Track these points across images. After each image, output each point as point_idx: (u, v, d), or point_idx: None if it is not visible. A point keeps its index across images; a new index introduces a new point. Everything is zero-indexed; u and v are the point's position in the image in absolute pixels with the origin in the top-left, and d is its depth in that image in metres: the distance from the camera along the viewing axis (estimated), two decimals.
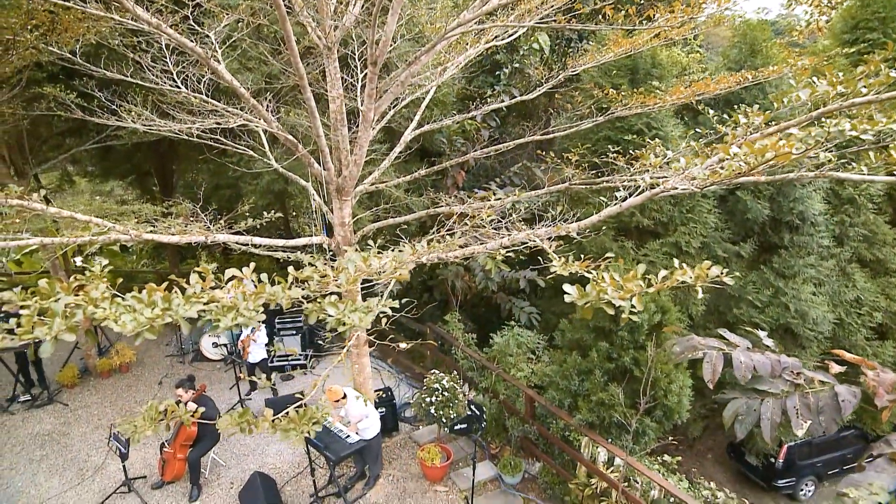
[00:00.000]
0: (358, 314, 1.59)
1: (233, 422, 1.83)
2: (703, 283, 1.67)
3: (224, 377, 10.10)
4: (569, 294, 1.60)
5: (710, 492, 5.94)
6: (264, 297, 1.54)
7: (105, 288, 1.51)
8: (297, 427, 1.88)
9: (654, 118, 9.47)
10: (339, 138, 5.84)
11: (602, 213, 3.72)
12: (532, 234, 3.55)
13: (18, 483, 7.23)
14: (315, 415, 1.94)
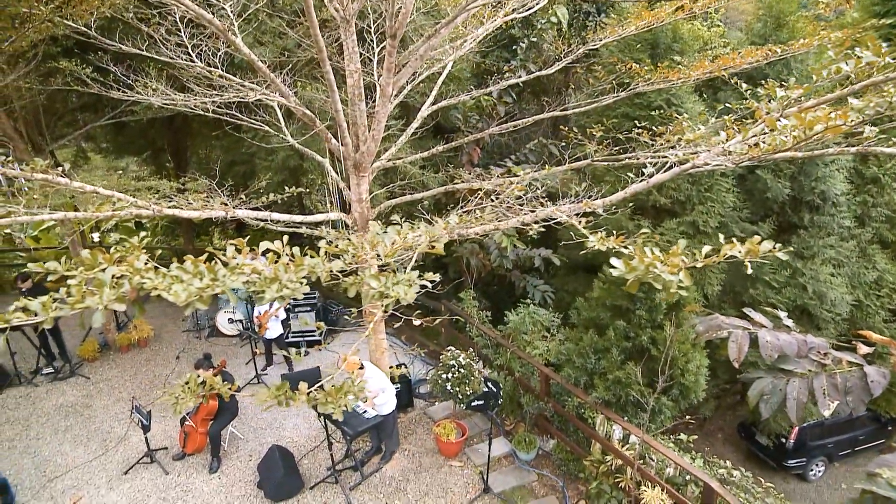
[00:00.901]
0: (402, 287, 1.57)
1: (270, 395, 1.84)
2: (754, 259, 1.62)
3: (240, 352, 10.23)
4: (616, 268, 1.57)
5: (726, 470, 5.96)
6: (305, 269, 1.53)
7: (146, 259, 1.50)
8: (334, 401, 1.89)
9: (675, 94, 9.26)
10: (357, 113, 5.77)
11: (629, 190, 3.66)
12: (558, 210, 3.50)
13: (46, 452, 7.43)
14: (351, 388, 1.95)
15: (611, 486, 6.22)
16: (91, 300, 1.29)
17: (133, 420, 7.68)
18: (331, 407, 1.89)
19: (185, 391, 2.01)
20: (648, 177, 3.60)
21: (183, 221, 12.83)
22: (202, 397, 2.01)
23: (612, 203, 3.74)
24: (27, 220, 3.92)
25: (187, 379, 2.07)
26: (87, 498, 6.62)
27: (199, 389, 2.03)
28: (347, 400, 1.92)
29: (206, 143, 11.96)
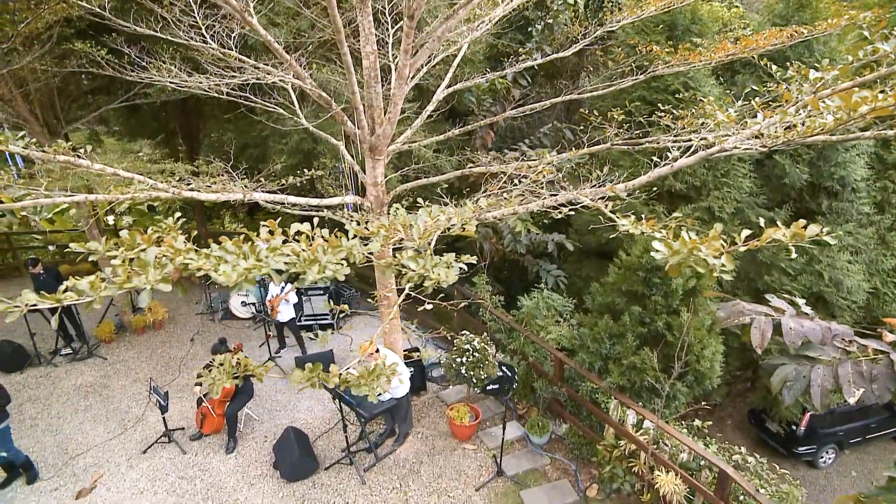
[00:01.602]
0: (442, 269, 1.55)
1: (305, 377, 1.85)
2: (798, 243, 1.59)
3: (253, 335, 10.32)
4: (658, 251, 1.54)
5: (741, 456, 5.96)
6: (343, 251, 1.51)
7: (184, 240, 1.49)
8: (369, 384, 1.89)
9: (692, 77, 9.10)
10: (373, 96, 5.71)
11: (653, 174, 3.60)
12: (581, 194, 3.46)
13: (67, 430, 7.57)
14: (385, 371, 1.94)
15: (624, 471, 6.25)
16: (138, 280, 1.29)
17: (151, 400, 7.79)
18: (365, 389, 1.90)
19: (221, 373, 2.02)
20: (673, 161, 3.54)
21: (196, 205, 12.87)
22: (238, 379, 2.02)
23: (636, 187, 3.69)
24: (48, 202, 3.94)
25: (221, 360, 2.08)
26: (108, 476, 6.75)
27: (234, 371, 2.04)
28: (381, 383, 1.92)
29: (218, 126, 11.95)
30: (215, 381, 2.04)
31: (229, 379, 1.99)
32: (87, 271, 13.04)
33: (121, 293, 5.61)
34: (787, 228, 1.59)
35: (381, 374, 1.90)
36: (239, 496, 6.41)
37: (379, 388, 1.89)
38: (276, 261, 1.36)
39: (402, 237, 1.78)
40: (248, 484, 6.60)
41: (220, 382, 2.03)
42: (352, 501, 6.29)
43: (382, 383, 1.90)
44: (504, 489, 6.46)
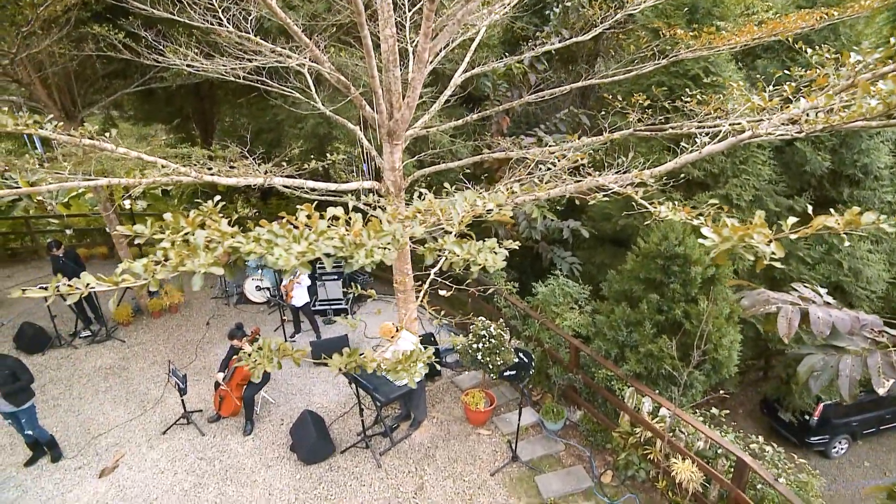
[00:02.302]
0: (488, 254, 1.53)
1: (343, 361, 1.85)
2: (852, 231, 1.55)
3: (268, 320, 10.40)
4: (708, 238, 1.51)
5: (758, 445, 5.95)
6: (387, 234, 1.50)
7: (228, 223, 1.49)
8: (407, 368, 1.89)
9: (713, 62, 8.94)
10: (392, 80, 5.66)
11: (680, 160, 3.55)
12: (610, 180, 3.41)
13: (88, 411, 7.72)
14: (421, 357, 1.94)
15: (639, 458, 6.27)
16: (190, 263, 1.29)
17: (171, 383, 7.90)
18: (403, 374, 1.90)
19: (262, 357, 2.03)
20: (701, 147, 3.48)
21: (210, 189, 12.92)
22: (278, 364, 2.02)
23: (661, 174, 3.64)
24: (71, 185, 3.96)
25: (260, 344, 2.09)
26: (129, 455, 6.88)
27: (274, 354, 2.05)
28: (419, 368, 1.92)
29: (232, 110, 11.95)
30: (256, 365, 2.05)
31: (270, 363, 1.99)
32: (102, 256, 13.21)
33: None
34: (839, 215, 1.55)
35: (418, 359, 1.90)
36: (257, 477, 6.51)
37: (419, 373, 1.89)
38: (325, 244, 1.35)
39: (438, 221, 1.76)
40: (265, 466, 6.70)
41: (262, 367, 2.04)
42: (368, 484, 6.37)
43: (420, 368, 1.89)
44: (519, 474, 6.50)
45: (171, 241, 1.41)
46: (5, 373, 6.07)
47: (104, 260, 13.19)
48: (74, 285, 1.41)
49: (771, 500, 5.41)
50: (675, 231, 6.52)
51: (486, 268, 2.06)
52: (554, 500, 6.15)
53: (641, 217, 9.78)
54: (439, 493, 6.23)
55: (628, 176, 3.68)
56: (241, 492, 6.31)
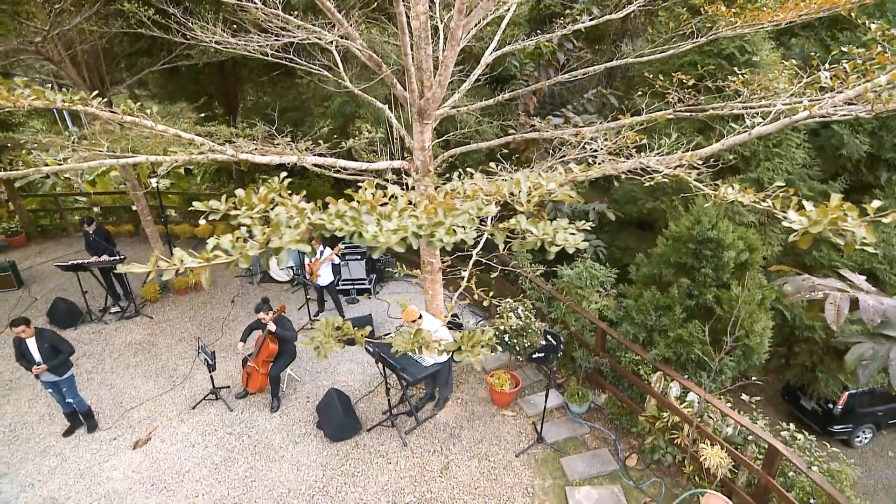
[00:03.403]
0: (566, 234, 1.49)
1: (409, 342, 1.84)
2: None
3: (291, 298, 10.48)
4: (796, 221, 1.45)
5: (789, 433, 5.89)
6: (464, 213, 1.47)
7: (300, 199, 1.47)
8: (469, 350, 1.87)
9: (749, 41, 8.67)
10: (423, 57, 5.57)
11: (727, 141, 3.44)
12: (663, 161, 3.33)
13: (120, 385, 7.91)
14: (482, 338, 1.92)
15: (666, 442, 6.25)
16: (276, 240, 1.27)
17: (200, 358, 8.03)
18: (467, 355, 1.88)
19: (325, 336, 2.03)
20: (750, 128, 3.37)
21: (234, 168, 12.98)
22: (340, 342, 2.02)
23: (708, 155, 3.54)
24: (113, 162, 3.98)
25: (323, 323, 2.08)
26: (161, 428, 7.05)
27: (337, 334, 2.05)
28: (483, 350, 1.90)
29: (256, 89, 11.92)
30: (322, 346, 2.04)
31: (337, 343, 1.99)
32: (128, 233, 13.40)
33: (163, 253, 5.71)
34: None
35: (482, 342, 1.88)
36: (285, 453, 6.63)
37: (483, 353, 1.87)
38: (414, 223, 1.32)
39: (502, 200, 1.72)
40: (293, 442, 6.81)
41: (327, 348, 2.04)
42: (394, 462, 6.45)
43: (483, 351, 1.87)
44: (544, 456, 6.54)
45: (249, 216, 1.39)
46: (45, 346, 6.23)
47: (130, 237, 13.39)
48: (171, 261, 1.40)
49: (801, 488, 5.37)
50: (707, 215, 6.39)
51: (511, 249, 2.02)
52: (579, 482, 6.18)
53: (669, 200, 9.67)
54: (465, 472, 6.29)
55: (672, 157, 3.59)
56: (269, 466, 6.43)
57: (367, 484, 6.15)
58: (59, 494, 6.06)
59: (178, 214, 14.65)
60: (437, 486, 6.12)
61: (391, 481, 6.18)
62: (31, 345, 6.21)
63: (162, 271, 1.42)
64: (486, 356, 6.92)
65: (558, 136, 5.06)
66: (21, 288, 10.75)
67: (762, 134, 3.34)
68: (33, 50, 7.04)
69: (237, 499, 6.00)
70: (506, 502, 5.92)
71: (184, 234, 13.29)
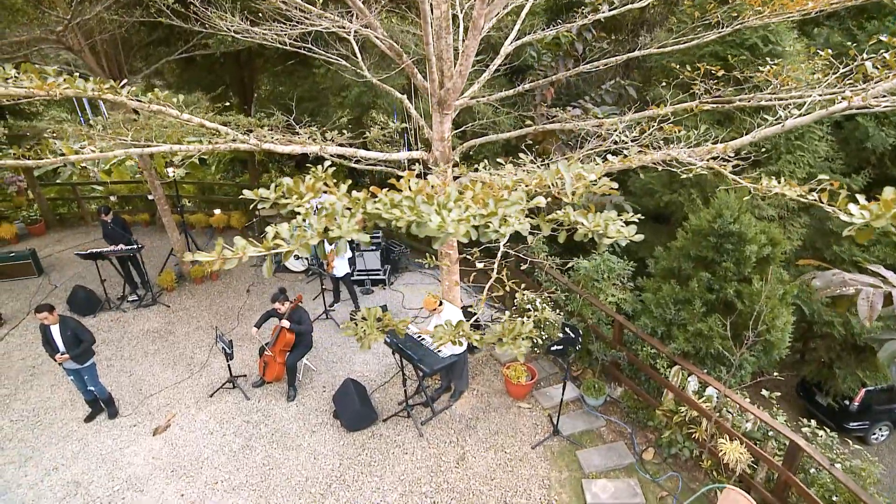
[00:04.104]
0: (617, 225, 1.47)
1: (450, 333, 1.82)
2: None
3: (306, 288, 10.53)
4: (856, 215, 1.41)
5: (810, 429, 5.83)
6: (514, 203, 1.44)
7: (346, 188, 1.45)
8: (511, 342, 1.86)
9: (773, 31, 8.49)
10: (443, 47, 5.52)
11: (758, 133, 3.37)
12: (696, 153, 3.27)
13: (139, 372, 8.00)
14: (523, 330, 1.91)
15: (684, 437, 6.22)
16: (337, 230, 1.25)
17: (217, 347, 8.11)
18: (507, 347, 1.87)
19: (369, 326, 2.02)
20: (784, 120, 3.30)
21: (248, 158, 13.01)
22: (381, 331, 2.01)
23: (738, 147, 3.47)
24: (138, 151, 3.99)
25: (364, 314, 2.07)
26: (180, 416, 7.13)
27: (379, 325, 2.04)
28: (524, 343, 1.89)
29: (271, 79, 11.91)
30: (366, 336, 2.04)
31: (380, 334, 1.99)
32: (144, 222, 13.50)
33: (179, 242, 5.74)
34: None
35: (523, 334, 1.86)
36: (302, 442, 6.68)
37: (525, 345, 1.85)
38: (469, 213, 1.29)
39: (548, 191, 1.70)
40: (309, 431, 6.87)
41: (371, 338, 2.03)
42: (411, 452, 6.48)
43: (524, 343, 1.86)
44: (560, 448, 6.53)
45: (298, 204, 1.38)
46: (68, 334, 6.31)
47: (146, 227, 13.50)
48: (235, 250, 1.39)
49: (821, 485, 5.33)
50: (729, 208, 6.30)
51: (528, 243, 1.97)
52: (596, 474, 6.17)
53: (688, 193, 9.56)
54: (481, 463, 6.30)
55: (701, 149, 3.53)
56: (287, 455, 6.49)
57: (384, 473, 6.19)
58: (82, 478, 6.16)
59: (192, 204, 14.75)
60: (453, 476, 6.14)
61: (408, 471, 6.21)
62: (55, 332, 6.30)
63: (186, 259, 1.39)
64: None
65: (583, 127, 5.00)
66: (41, 275, 10.90)
67: (796, 126, 3.27)
68: (54, 39, 7.07)
69: (255, 486, 6.06)
70: (522, 494, 5.93)
71: (199, 224, 13.39)
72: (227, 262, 1.42)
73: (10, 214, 13.34)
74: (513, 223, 1.32)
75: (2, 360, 8.31)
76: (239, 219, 13.16)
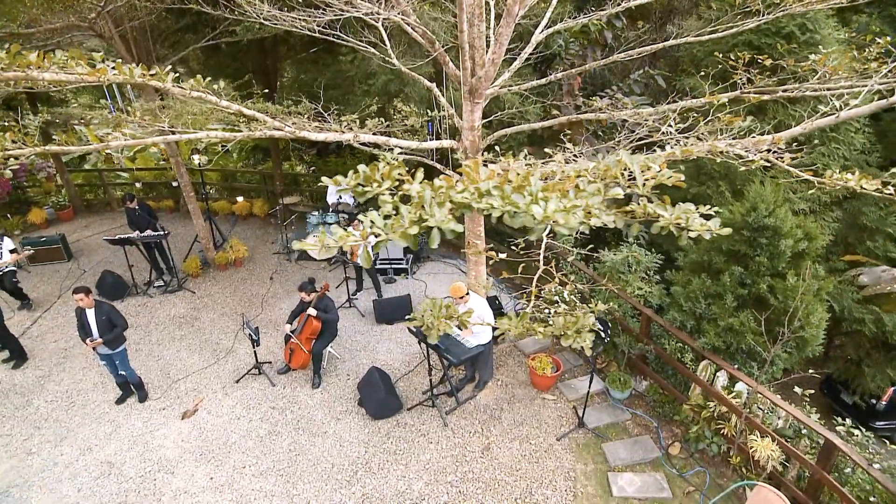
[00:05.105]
0: (699, 218, 1.43)
1: (516, 324, 1.80)
2: None
3: (328, 276, 10.57)
4: None
5: (844, 427, 5.72)
6: (592, 195, 1.40)
7: (421, 176, 1.43)
8: (576, 336, 1.83)
9: (811, 19, 8.23)
10: (476, 35, 5.45)
11: (808, 124, 3.27)
12: (751, 142, 3.19)
13: (167, 357, 8.14)
14: (587, 323, 1.88)
15: (712, 432, 6.15)
16: (432, 220, 1.23)
17: (244, 333, 8.20)
18: (570, 339, 1.84)
19: (435, 318, 2.01)
20: (838, 110, 3.19)
21: (271, 145, 13.05)
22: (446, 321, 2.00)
23: (788, 138, 3.38)
24: (176, 138, 4.01)
25: (430, 304, 2.06)
26: (207, 401, 7.24)
27: (444, 316, 2.03)
28: (588, 336, 1.86)
29: (294, 66, 11.89)
30: (431, 328, 2.03)
31: (447, 326, 1.98)
32: (169, 209, 13.66)
33: (203, 229, 5.75)
34: None
35: (587, 327, 1.83)
36: (328, 429, 6.75)
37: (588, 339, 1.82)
38: (563, 203, 1.26)
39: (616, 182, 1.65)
40: (335, 418, 6.92)
41: (440, 328, 2.02)
42: (435, 441, 6.50)
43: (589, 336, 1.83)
44: (585, 440, 6.51)
45: (388, 191, 1.36)
46: (103, 318, 6.42)
47: (171, 213, 13.66)
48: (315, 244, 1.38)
49: (855, 485, 5.24)
50: (765, 202, 6.17)
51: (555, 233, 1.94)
52: (622, 468, 6.14)
53: (716, 185, 9.37)
54: (506, 454, 6.31)
55: (747, 141, 3.43)
56: (313, 441, 6.56)
57: (410, 462, 6.22)
58: (115, 459, 6.30)
59: (215, 191, 14.88)
60: (478, 466, 6.16)
61: (433, 460, 6.24)
62: (90, 315, 6.41)
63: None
64: (526, 338, 6.84)
65: (621, 116, 4.90)
66: (70, 260, 11.10)
67: (852, 117, 3.17)
68: (86, 26, 7.13)
69: (282, 471, 6.14)
70: (548, 485, 5.92)
71: (222, 211, 13.51)
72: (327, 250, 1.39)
73: (40, 200, 13.59)
74: (599, 215, 1.28)
75: (35, 343, 8.50)
76: (261, 206, 13.25)
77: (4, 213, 12.77)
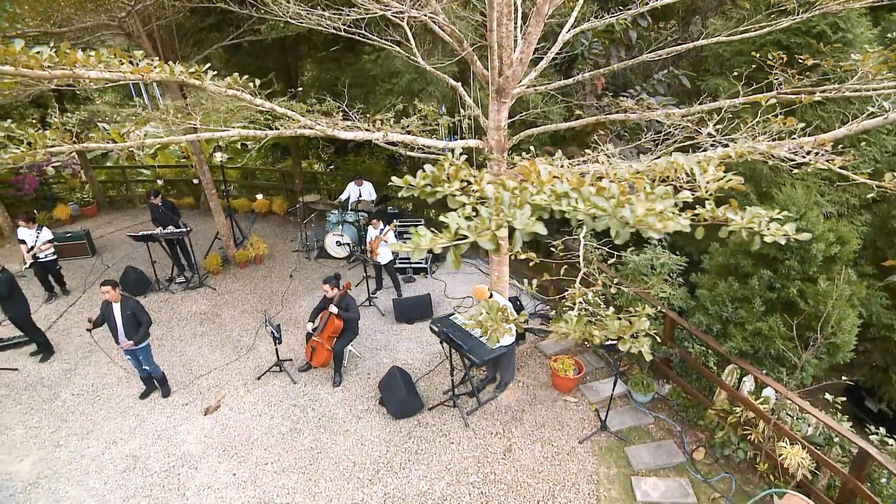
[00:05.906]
0: (772, 223, 1.39)
1: (575, 326, 1.77)
2: None
3: (348, 275, 10.60)
4: None
5: (878, 436, 5.60)
6: (660, 198, 1.37)
7: (489, 176, 1.40)
8: (634, 340, 1.80)
9: (843, 18, 8.05)
10: (504, 34, 5.41)
11: (854, 125, 3.19)
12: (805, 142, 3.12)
13: (189, 353, 8.21)
14: (643, 327, 1.84)
15: (738, 438, 6.05)
16: (516, 223, 1.21)
17: (266, 331, 8.25)
18: (627, 344, 1.81)
19: (493, 320, 1.99)
20: (888, 112, 3.10)
21: (290, 144, 13.12)
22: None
23: (832, 140, 3.30)
24: (208, 135, 4.02)
25: (488, 306, 2.04)
26: (229, 397, 7.30)
27: (500, 317, 2.01)
28: (646, 340, 1.83)
29: (315, 65, 11.94)
30: (490, 329, 2.01)
31: (504, 329, 1.95)
32: (190, 206, 13.79)
33: (224, 227, 5.77)
34: None
35: (643, 331, 1.79)
36: (349, 427, 6.76)
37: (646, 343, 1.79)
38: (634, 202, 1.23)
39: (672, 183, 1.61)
40: (356, 417, 6.93)
41: (497, 332, 2.00)
42: (457, 442, 6.48)
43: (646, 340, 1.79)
44: (608, 444, 6.45)
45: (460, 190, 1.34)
46: (128, 313, 6.50)
47: (191, 210, 13.81)
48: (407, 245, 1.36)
49: (889, 496, 5.12)
50: (795, 204, 6.06)
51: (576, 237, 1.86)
52: (645, 472, 6.07)
53: None
54: (528, 455, 6.27)
55: (787, 143, 3.36)
56: (334, 440, 6.57)
57: (431, 462, 6.21)
58: (139, 453, 6.37)
59: (235, 189, 15.01)
60: (500, 467, 6.12)
61: (454, 460, 6.22)
62: (116, 309, 6.49)
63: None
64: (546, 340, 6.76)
65: (653, 117, 4.84)
66: (94, 255, 11.27)
67: None
68: (115, 25, 7.22)
69: (304, 469, 6.16)
70: (570, 488, 5.87)
71: (242, 209, 13.62)
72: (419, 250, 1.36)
73: (65, 196, 13.82)
74: (673, 218, 1.25)
75: (62, 336, 8.64)
76: (281, 204, 13.33)
77: (31, 208, 13.00)
